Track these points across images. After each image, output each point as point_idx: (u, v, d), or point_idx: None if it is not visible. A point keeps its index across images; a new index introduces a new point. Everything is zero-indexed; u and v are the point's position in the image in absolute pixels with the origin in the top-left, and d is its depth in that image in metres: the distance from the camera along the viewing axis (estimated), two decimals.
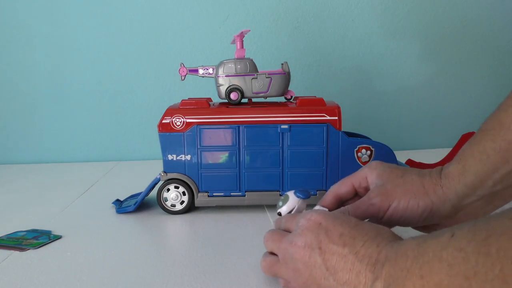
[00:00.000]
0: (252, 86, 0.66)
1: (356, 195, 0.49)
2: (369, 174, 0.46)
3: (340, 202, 0.48)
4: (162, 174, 0.66)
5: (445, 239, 0.27)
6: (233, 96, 0.66)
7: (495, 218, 0.25)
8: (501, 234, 0.24)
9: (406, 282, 0.28)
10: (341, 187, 0.48)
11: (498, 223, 0.25)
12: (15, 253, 0.53)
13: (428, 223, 0.43)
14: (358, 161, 0.65)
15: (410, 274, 0.28)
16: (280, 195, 0.64)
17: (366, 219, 0.44)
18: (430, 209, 0.42)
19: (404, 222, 0.43)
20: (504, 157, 0.38)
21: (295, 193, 0.47)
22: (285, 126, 0.64)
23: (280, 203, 0.48)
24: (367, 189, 0.47)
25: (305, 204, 0.48)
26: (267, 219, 0.63)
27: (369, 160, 0.65)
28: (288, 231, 0.42)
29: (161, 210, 0.67)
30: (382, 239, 0.34)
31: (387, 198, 0.43)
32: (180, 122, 0.64)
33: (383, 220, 0.43)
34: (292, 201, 0.47)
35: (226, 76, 0.66)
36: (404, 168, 0.46)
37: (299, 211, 0.47)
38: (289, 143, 0.64)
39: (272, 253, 0.42)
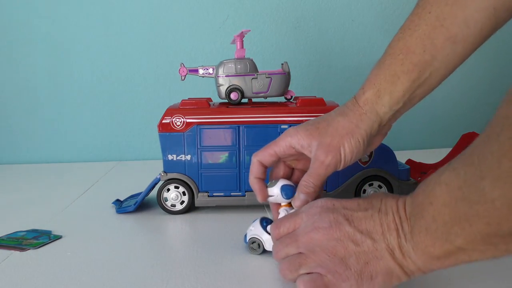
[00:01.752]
0: (252, 86, 0.66)
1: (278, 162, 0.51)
2: (295, 141, 0.47)
3: (265, 170, 0.50)
4: (162, 174, 0.66)
5: (443, 168, 0.32)
6: (233, 96, 0.66)
7: (478, 139, 0.29)
8: (478, 145, 0.28)
9: (423, 213, 0.33)
10: (266, 158, 0.49)
11: (479, 140, 0.29)
12: (15, 253, 0.53)
13: (368, 146, 0.48)
14: (358, 161, 0.65)
15: (424, 205, 0.33)
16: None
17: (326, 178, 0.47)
18: (367, 137, 0.46)
19: (356, 159, 0.47)
20: (411, 77, 0.45)
21: (281, 190, 0.48)
22: (285, 126, 0.64)
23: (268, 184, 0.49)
24: (297, 154, 0.48)
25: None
26: None
27: (369, 160, 0.65)
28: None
29: (161, 210, 0.67)
30: (394, 196, 0.38)
31: (335, 151, 0.45)
32: (180, 122, 0.64)
33: (342, 168, 0.47)
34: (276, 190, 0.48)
35: (226, 76, 0.66)
36: (323, 118, 0.48)
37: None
38: None
39: None
